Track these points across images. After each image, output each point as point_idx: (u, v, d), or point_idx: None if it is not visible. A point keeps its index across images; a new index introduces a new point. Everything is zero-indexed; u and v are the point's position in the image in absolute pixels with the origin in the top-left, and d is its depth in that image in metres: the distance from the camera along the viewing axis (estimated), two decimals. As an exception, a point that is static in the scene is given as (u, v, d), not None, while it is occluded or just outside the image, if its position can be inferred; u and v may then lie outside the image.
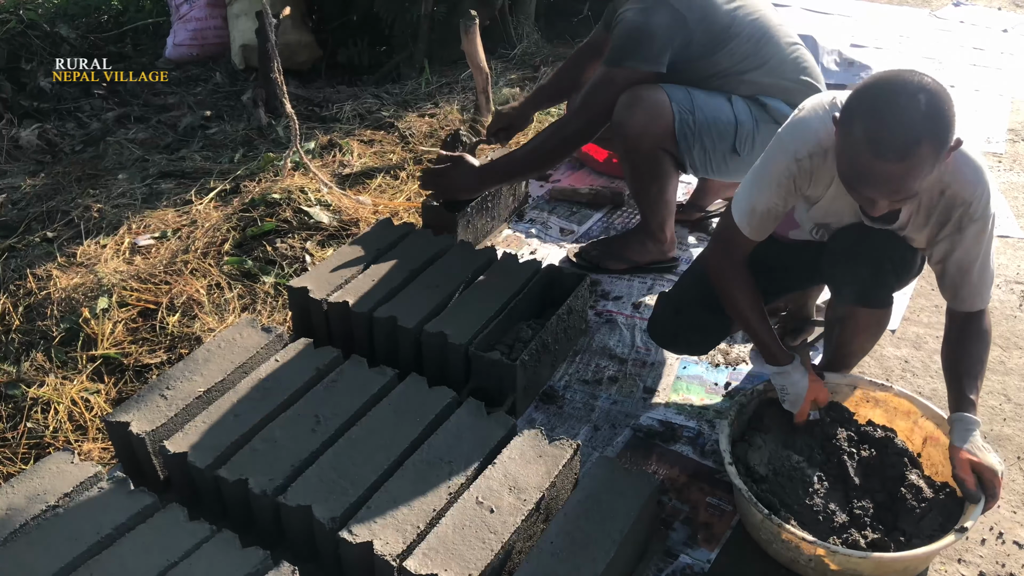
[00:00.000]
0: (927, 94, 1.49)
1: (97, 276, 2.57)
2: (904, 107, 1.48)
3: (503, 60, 4.61)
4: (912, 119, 1.48)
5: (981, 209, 1.69)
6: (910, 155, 1.48)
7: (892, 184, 1.53)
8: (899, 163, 1.49)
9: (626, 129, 2.44)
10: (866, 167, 1.53)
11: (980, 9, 5.66)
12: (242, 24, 4.65)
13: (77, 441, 2.08)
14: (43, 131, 3.79)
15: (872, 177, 1.53)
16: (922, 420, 1.92)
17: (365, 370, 2.01)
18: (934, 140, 1.49)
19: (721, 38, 2.40)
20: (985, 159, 1.76)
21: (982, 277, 1.78)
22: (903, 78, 1.52)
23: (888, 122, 1.49)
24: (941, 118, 1.49)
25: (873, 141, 1.50)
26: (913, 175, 1.51)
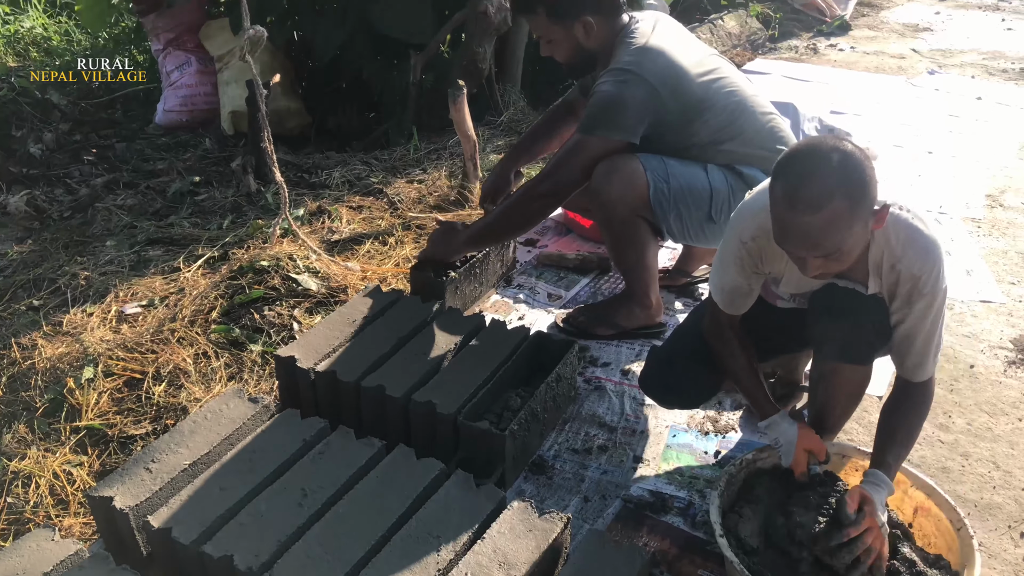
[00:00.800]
0: (840, 154, 1.60)
1: (83, 345, 2.56)
2: (817, 164, 1.60)
3: (490, 127, 4.68)
4: (824, 174, 1.59)
5: (931, 284, 1.75)
6: (822, 208, 1.57)
7: (809, 238, 1.61)
8: (813, 215, 1.58)
9: (603, 196, 2.50)
10: (786, 223, 1.63)
11: (954, 77, 5.82)
12: (232, 91, 4.71)
13: (58, 516, 2.04)
14: (31, 197, 3.80)
15: (791, 232, 1.63)
16: (912, 490, 1.92)
17: (352, 441, 2.00)
18: (847, 196, 1.58)
19: (696, 110, 2.47)
20: (938, 232, 1.80)
21: (926, 349, 1.83)
22: (820, 140, 1.66)
23: (802, 178, 1.60)
24: (854, 175, 1.59)
25: (789, 196, 1.61)
26: (829, 229, 1.59)
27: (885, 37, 6.85)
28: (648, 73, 2.39)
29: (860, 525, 1.70)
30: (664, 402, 2.32)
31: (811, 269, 1.69)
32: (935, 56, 6.33)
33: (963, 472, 2.26)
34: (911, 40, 6.75)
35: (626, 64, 2.41)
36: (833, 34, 6.90)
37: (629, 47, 2.45)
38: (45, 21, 6.05)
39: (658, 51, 2.43)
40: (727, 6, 6.72)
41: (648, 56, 2.42)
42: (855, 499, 1.74)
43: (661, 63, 2.42)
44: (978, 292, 3.11)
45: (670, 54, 2.44)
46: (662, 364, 2.24)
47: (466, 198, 3.67)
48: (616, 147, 2.46)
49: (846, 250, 1.64)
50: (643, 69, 2.40)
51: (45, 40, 5.84)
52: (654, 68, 2.40)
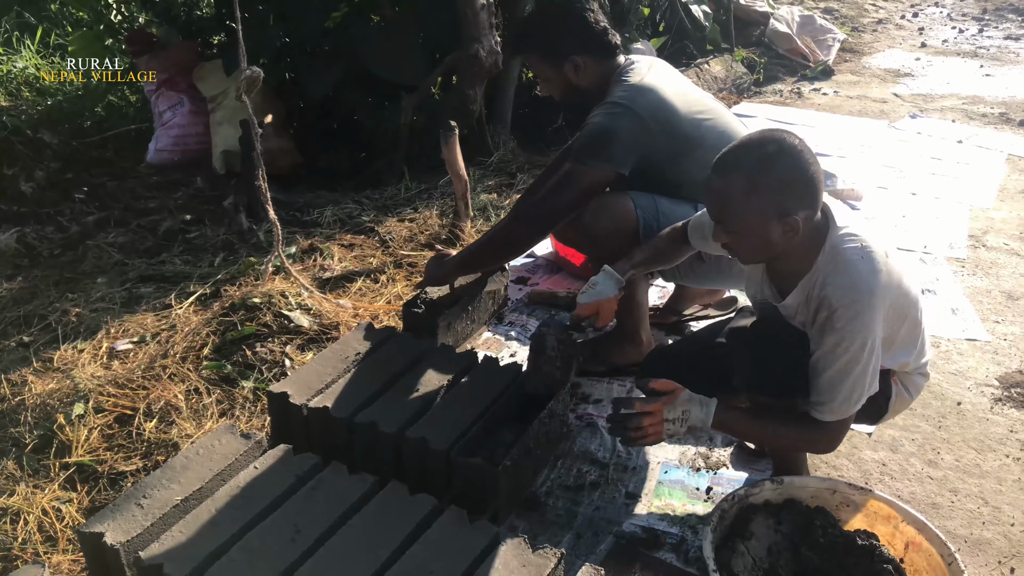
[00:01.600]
0: (780, 148, 1.72)
1: (73, 381, 2.55)
2: (752, 142, 1.76)
3: (481, 167, 4.73)
4: (749, 152, 1.74)
5: (844, 321, 1.75)
6: (726, 175, 1.75)
7: (711, 199, 1.81)
8: (717, 178, 1.77)
9: (593, 232, 2.55)
10: (706, 182, 1.81)
11: (935, 121, 5.94)
12: (224, 131, 4.75)
13: (47, 553, 2.02)
14: (22, 235, 3.80)
15: (706, 191, 1.81)
16: (903, 525, 1.93)
17: (345, 477, 1.99)
18: (753, 176, 1.71)
19: (686, 147, 2.51)
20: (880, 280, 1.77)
21: (831, 390, 1.82)
22: (779, 131, 1.79)
23: (733, 147, 1.79)
24: (775, 167, 1.71)
25: (716, 157, 1.80)
26: (724, 199, 1.75)
27: (867, 82, 6.98)
28: (639, 107, 2.44)
29: (648, 404, 1.84)
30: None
31: (716, 234, 1.83)
32: (916, 100, 6.46)
33: (952, 508, 2.27)
34: (892, 85, 6.88)
35: (618, 98, 2.47)
36: (817, 79, 7.03)
37: (623, 84, 2.51)
38: (38, 61, 6.09)
39: (650, 88, 2.49)
40: (713, 51, 6.84)
41: (640, 92, 2.47)
42: (666, 385, 1.88)
43: (652, 99, 2.47)
44: (964, 331, 3.15)
45: (662, 92, 2.50)
46: (660, 366, 2.26)
47: (457, 236, 3.70)
48: (606, 177, 2.49)
49: (739, 231, 1.76)
50: (634, 103, 2.45)
51: (37, 80, 5.87)
52: (645, 103, 2.46)
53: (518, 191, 4.39)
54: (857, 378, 1.80)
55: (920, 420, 2.62)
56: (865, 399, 1.84)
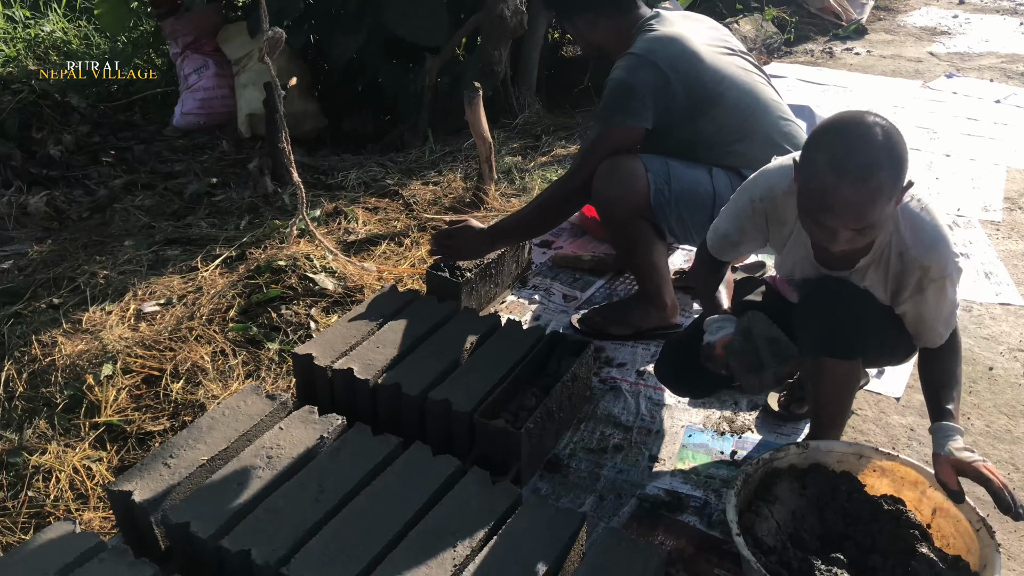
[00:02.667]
0: (882, 129, 1.62)
1: (102, 343, 2.58)
2: (863, 136, 1.61)
3: (505, 129, 4.70)
4: (871, 146, 1.60)
5: (939, 270, 1.78)
6: (871, 179, 1.58)
7: (853, 210, 1.61)
8: (862, 186, 1.59)
9: (603, 197, 2.51)
10: (830, 193, 1.61)
11: (972, 80, 5.79)
12: (249, 94, 4.75)
13: (78, 510, 2.06)
14: (51, 198, 3.84)
15: (836, 204, 1.61)
16: (930, 490, 1.90)
17: (369, 438, 2.01)
18: (892, 169, 1.60)
19: (705, 104, 2.46)
20: (944, 218, 1.83)
21: (938, 322, 1.87)
22: (859, 115, 1.66)
23: (850, 148, 1.60)
24: (897, 151, 1.61)
25: (836, 167, 1.59)
26: (873, 201, 1.60)
27: (902, 41, 6.82)
28: (658, 58, 2.39)
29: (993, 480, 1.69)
30: (675, 390, 2.36)
31: (840, 243, 1.68)
32: (953, 59, 6.30)
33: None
34: (928, 44, 6.71)
35: (639, 50, 2.42)
36: (849, 38, 6.87)
37: (645, 36, 2.46)
38: (65, 25, 6.11)
39: (672, 38, 2.43)
40: (742, 10, 6.71)
41: (660, 43, 2.42)
42: (949, 473, 1.75)
43: (673, 49, 2.41)
44: (997, 295, 3.09)
45: (686, 42, 2.43)
46: (676, 353, 2.27)
47: (481, 199, 3.68)
48: (636, 134, 2.46)
49: (878, 225, 1.66)
50: (653, 54, 2.40)
51: (65, 44, 5.89)
52: (665, 54, 2.40)
53: (543, 153, 4.36)
54: (955, 299, 1.86)
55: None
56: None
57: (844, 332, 1.91)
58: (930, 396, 1.88)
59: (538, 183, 3.90)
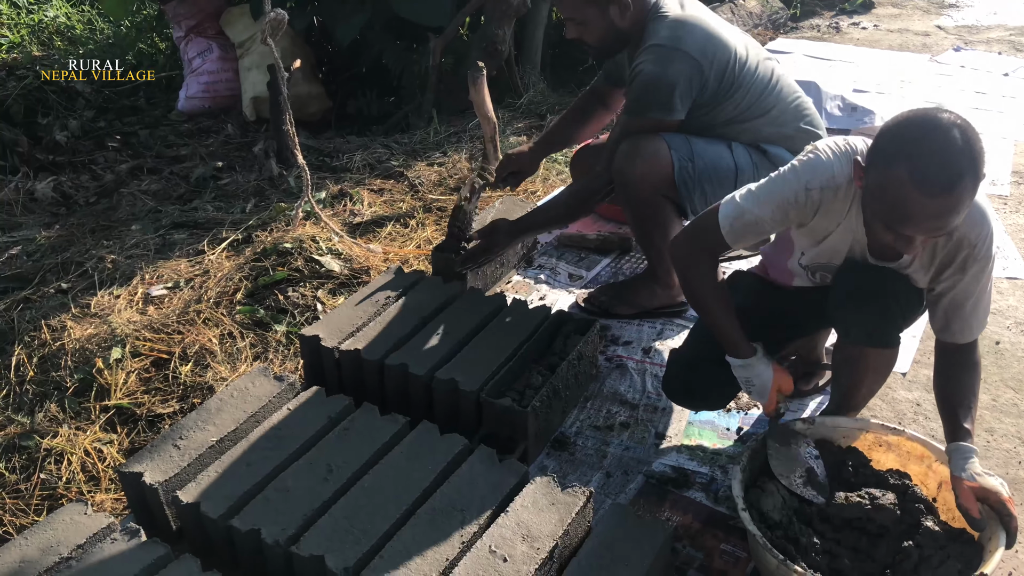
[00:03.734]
0: (960, 129, 1.54)
1: (111, 326, 2.60)
2: (944, 143, 1.53)
3: (510, 109, 4.68)
4: (953, 154, 1.52)
5: (985, 249, 1.75)
6: (955, 190, 1.52)
7: (938, 220, 1.56)
8: (947, 198, 1.52)
9: (626, 177, 2.47)
10: (912, 206, 1.55)
11: (980, 54, 5.74)
12: (253, 77, 4.74)
13: (90, 492, 2.08)
14: (58, 184, 3.86)
15: (918, 215, 1.56)
16: (936, 465, 1.91)
17: (377, 418, 2.02)
18: (974, 173, 1.54)
19: (732, 88, 2.45)
20: (988, 199, 1.80)
21: (975, 311, 1.83)
22: (935, 116, 1.57)
23: (932, 159, 1.53)
24: (976, 151, 1.55)
25: (919, 179, 1.52)
26: (958, 209, 1.55)
27: (909, 14, 6.76)
28: (692, 48, 2.34)
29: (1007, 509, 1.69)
30: (688, 406, 2.30)
31: (916, 247, 1.64)
32: (961, 33, 6.24)
33: (988, 448, 2.24)
34: (936, 17, 6.65)
35: (666, 40, 2.36)
36: (855, 12, 6.81)
37: (663, 21, 2.39)
38: (68, 10, 6.10)
39: (695, 23, 2.39)
40: (748, -15, 6.65)
41: (687, 30, 2.37)
42: (971, 499, 1.70)
43: (700, 35, 2.37)
44: (1004, 268, 3.08)
45: (707, 27, 2.40)
46: (684, 369, 2.17)
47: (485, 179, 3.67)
48: (668, 128, 2.43)
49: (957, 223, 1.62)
50: (686, 44, 2.34)
51: (68, 29, 5.89)
52: (695, 43, 2.36)
53: (548, 133, 4.34)
54: (991, 293, 1.84)
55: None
56: None
57: (892, 323, 1.90)
58: (947, 413, 1.84)
59: (543, 163, 3.89)
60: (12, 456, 2.17)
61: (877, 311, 1.87)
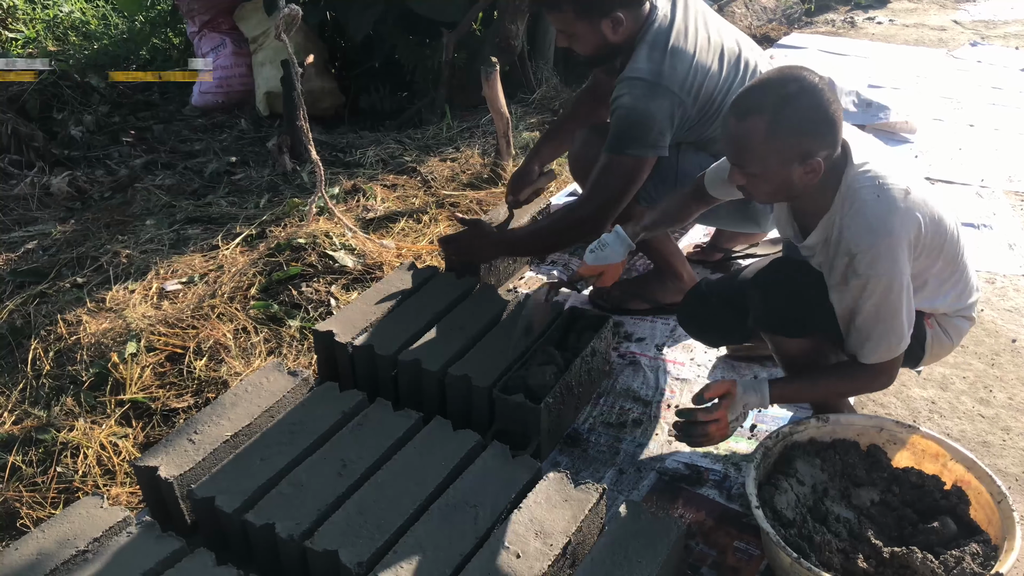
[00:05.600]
0: (800, 87, 1.64)
1: (126, 321, 2.61)
2: (772, 83, 1.67)
3: (523, 104, 4.68)
4: (769, 92, 1.65)
5: (865, 266, 1.70)
6: (745, 118, 1.66)
7: (730, 143, 1.72)
8: (737, 122, 1.67)
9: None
10: (724, 122, 1.74)
11: (997, 49, 5.69)
12: (267, 72, 4.75)
13: (106, 485, 2.09)
14: (73, 178, 3.88)
15: (724, 132, 1.74)
16: (951, 463, 1.90)
17: (390, 413, 2.03)
18: (774, 118, 1.64)
19: (713, 116, 2.40)
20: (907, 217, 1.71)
21: (866, 333, 1.79)
22: (794, 69, 1.70)
23: (753, 87, 1.70)
24: (797, 107, 1.63)
25: (735, 99, 1.71)
26: (744, 141, 1.67)
27: (925, 9, 6.71)
28: (673, 83, 2.27)
29: (712, 413, 1.84)
30: (695, 336, 2.37)
31: (733, 176, 1.77)
32: (978, 27, 6.19)
33: (1004, 446, 2.23)
34: (952, 12, 6.60)
35: (647, 74, 2.28)
36: (871, 7, 6.77)
37: (650, 45, 2.31)
38: (83, 5, 6.13)
39: (680, 51, 2.30)
40: (762, -20, 6.62)
41: (669, 61, 2.28)
42: (719, 389, 1.86)
43: (682, 69, 2.29)
44: (1021, 266, 3.06)
45: (691, 53, 2.31)
46: (697, 299, 2.26)
47: (499, 175, 3.68)
48: (649, 164, 2.36)
49: (759, 173, 1.70)
50: (667, 79, 2.27)
51: (83, 24, 5.92)
52: (677, 77, 2.28)
53: (561, 128, 4.33)
54: (890, 319, 1.75)
55: (972, 358, 2.57)
56: (906, 339, 1.79)
57: (789, 312, 1.92)
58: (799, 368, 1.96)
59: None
60: (29, 449, 2.19)
61: (773, 297, 1.94)
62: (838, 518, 1.80)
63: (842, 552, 1.72)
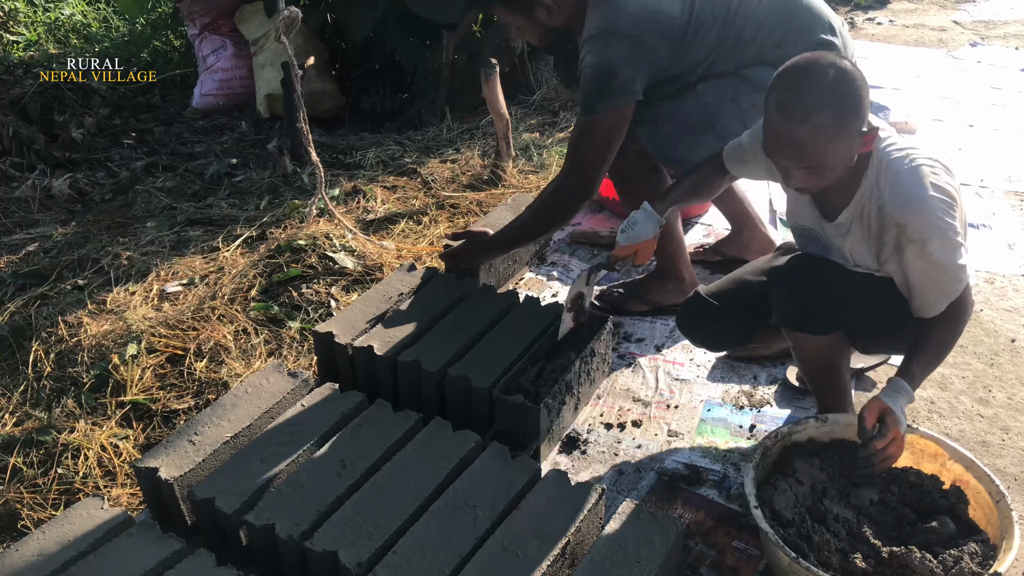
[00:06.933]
0: (837, 70, 1.63)
1: (126, 323, 2.62)
2: (812, 77, 1.64)
3: (523, 106, 4.68)
4: (817, 86, 1.62)
5: (916, 230, 1.72)
6: (809, 118, 1.61)
7: (795, 147, 1.65)
8: (800, 125, 1.62)
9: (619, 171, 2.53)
10: (775, 131, 1.68)
11: (997, 49, 5.69)
12: (267, 74, 4.76)
13: (106, 487, 2.10)
14: (74, 181, 3.88)
15: (779, 140, 1.68)
16: (950, 463, 1.90)
17: (390, 414, 2.03)
18: (836, 109, 1.61)
19: (686, 37, 2.30)
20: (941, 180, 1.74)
21: (930, 288, 1.80)
22: (818, 55, 1.68)
23: (795, 88, 1.64)
24: (846, 91, 1.62)
25: (781, 105, 1.65)
26: (814, 140, 1.63)
27: (925, 10, 6.71)
28: (624, 25, 2.22)
29: (886, 437, 1.74)
30: (696, 342, 2.35)
31: (794, 180, 1.72)
32: (978, 28, 6.19)
33: (1003, 446, 2.23)
34: (952, 12, 6.60)
35: (597, 28, 2.24)
36: (871, 7, 6.77)
37: (595, 6, 2.27)
38: (84, 8, 6.14)
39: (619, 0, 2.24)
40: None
41: (613, 8, 2.23)
42: (873, 413, 1.77)
43: (631, 9, 2.22)
44: (1020, 266, 3.06)
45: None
46: (697, 304, 2.22)
47: (499, 177, 3.68)
48: (625, 113, 2.30)
49: (828, 165, 1.68)
50: (616, 23, 2.22)
51: (84, 27, 5.93)
52: (626, 18, 2.22)
53: (561, 129, 4.35)
54: (953, 265, 1.75)
55: (971, 358, 2.57)
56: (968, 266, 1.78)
57: (815, 310, 1.91)
58: (907, 356, 1.85)
59: (556, 159, 3.90)
60: (30, 451, 2.20)
61: (799, 294, 1.92)
62: (837, 518, 1.80)
63: (841, 552, 1.73)
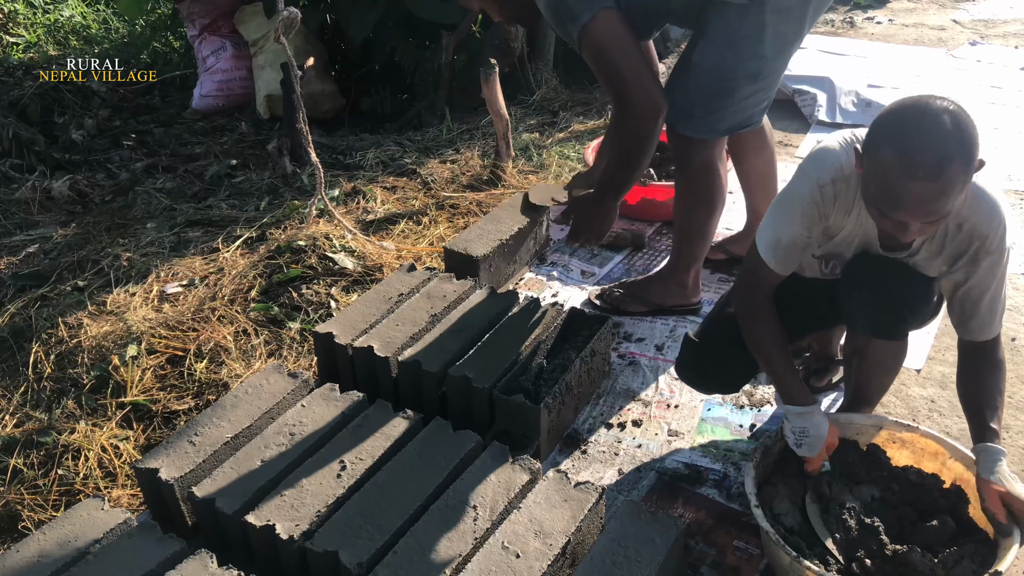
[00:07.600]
0: (951, 115, 1.52)
1: (126, 324, 2.62)
2: (932, 127, 1.51)
3: (522, 106, 4.68)
4: (941, 138, 1.50)
5: (997, 242, 1.72)
6: (943, 174, 1.49)
7: (926, 205, 1.53)
8: (933, 182, 1.50)
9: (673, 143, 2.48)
10: (900, 190, 1.54)
11: (997, 48, 5.69)
12: (267, 75, 4.76)
13: (107, 488, 2.10)
14: (74, 182, 3.89)
15: (906, 199, 1.54)
16: (951, 462, 1.90)
17: (390, 414, 2.03)
18: (963, 158, 1.51)
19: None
20: (1002, 192, 1.76)
21: (992, 308, 1.79)
22: (925, 101, 1.55)
23: (918, 143, 1.51)
24: (967, 136, 1.52)
25: (905, 163, 1.51)
26: (946, 194, 1.52)
27: (924, 9, 6.71)
28: None
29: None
30: (700, 388, 2.27)
31: (912, 233, 1.62)
32: (977, 27, 6.19)
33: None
34: (952, 11, 6.60)
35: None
36: (870, 6, 6.77)
37: None
38: (84, 10, 6.14)
39: None
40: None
41: None
42: (997, 504, 1.70)
43: None
44: (1020, 265, 3.06)
45: None
46: (697, 351, 2.15)
47: (499, 177, 3.68)
48: (609, 15, 2.18)
49: (953, 213, 1.60)
50: None
51: (84, 28, 5.93)
52: None
53: (560, 129, 4.35)
54: (1005, 290, 1.80)
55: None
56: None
57: (898, 315, 1.87)
58: (972, 412, 1.81)
59: (555, 159, 3.90)
60: (30, 452, 2.20)
61: (884, 302, 1.85)
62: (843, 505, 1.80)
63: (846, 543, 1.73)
